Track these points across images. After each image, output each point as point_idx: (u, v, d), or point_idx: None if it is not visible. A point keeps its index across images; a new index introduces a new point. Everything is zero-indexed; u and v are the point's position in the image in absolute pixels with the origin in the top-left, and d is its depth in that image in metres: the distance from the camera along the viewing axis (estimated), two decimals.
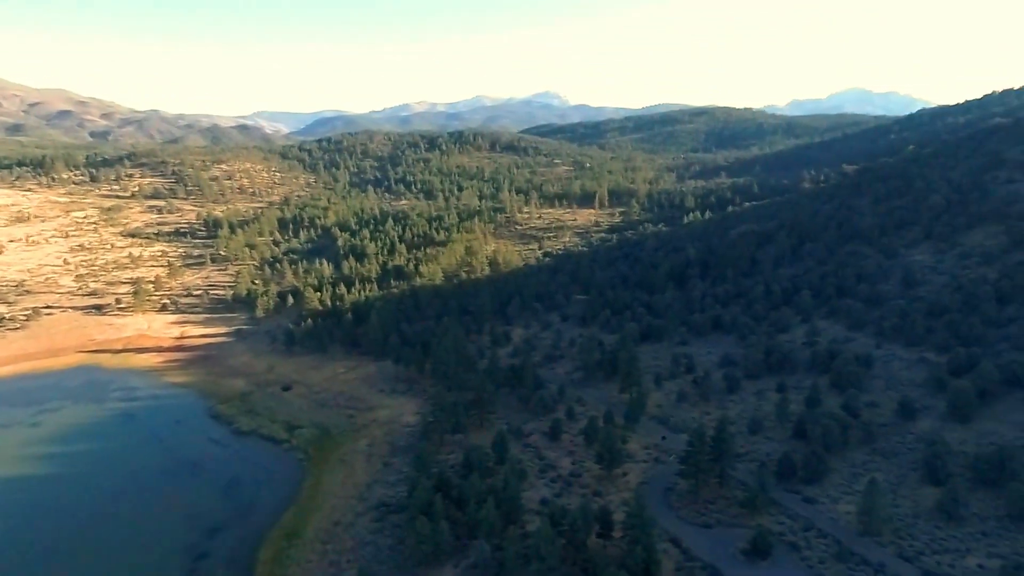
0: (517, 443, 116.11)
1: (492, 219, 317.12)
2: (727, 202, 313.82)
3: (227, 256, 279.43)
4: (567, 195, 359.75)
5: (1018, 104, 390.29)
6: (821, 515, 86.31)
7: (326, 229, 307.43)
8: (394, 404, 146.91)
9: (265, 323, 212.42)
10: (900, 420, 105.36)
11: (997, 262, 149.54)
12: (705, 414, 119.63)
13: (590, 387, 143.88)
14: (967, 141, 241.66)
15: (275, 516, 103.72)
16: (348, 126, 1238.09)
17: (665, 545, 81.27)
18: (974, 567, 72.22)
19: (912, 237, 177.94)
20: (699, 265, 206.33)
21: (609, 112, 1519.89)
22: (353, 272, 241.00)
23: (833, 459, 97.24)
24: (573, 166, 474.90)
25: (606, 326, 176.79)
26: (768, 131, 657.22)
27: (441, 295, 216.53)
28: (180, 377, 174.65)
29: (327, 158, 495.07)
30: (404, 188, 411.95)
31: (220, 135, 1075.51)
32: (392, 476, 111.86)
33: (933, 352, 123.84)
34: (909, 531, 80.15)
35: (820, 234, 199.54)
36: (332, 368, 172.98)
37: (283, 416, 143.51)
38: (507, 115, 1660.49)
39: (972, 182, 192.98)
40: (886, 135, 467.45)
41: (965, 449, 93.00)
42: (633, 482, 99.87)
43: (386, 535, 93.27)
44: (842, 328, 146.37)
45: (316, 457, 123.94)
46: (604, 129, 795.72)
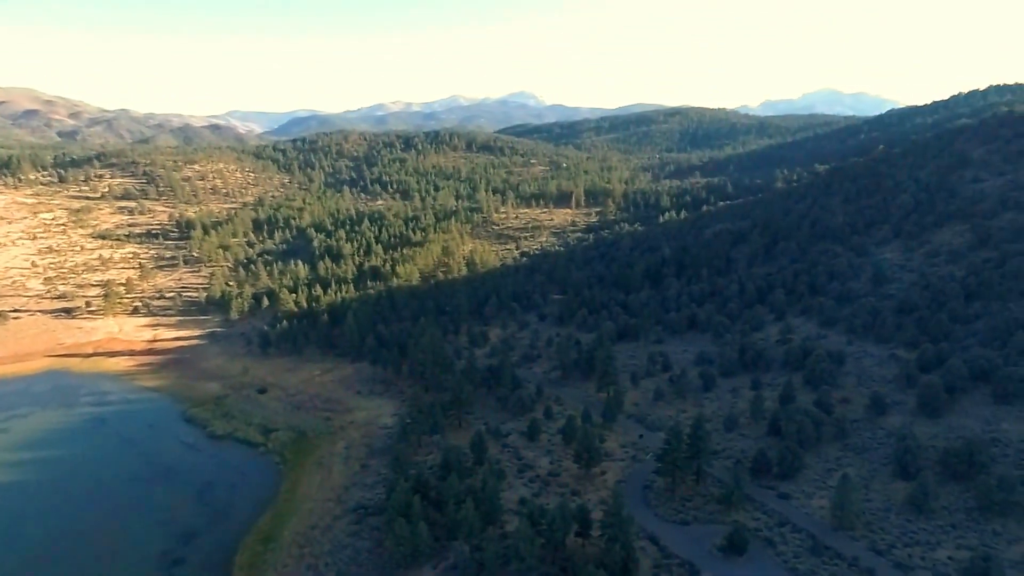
0: (495, 443, 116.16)
1: (469, 219, 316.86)
2: (702, 202, 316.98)
3: (200, 258, 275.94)
4: (543, 195, 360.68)
5: (983, 105, 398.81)
6: (796, 510, 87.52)
7: (301, 230, 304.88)
8: (371, 406, 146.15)
9: (239, 325, 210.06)
10: (871, 416, 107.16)
11: (964, 260, 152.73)
12: (681, 412, 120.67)
13: (568, 386, 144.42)
14: (934, 141, 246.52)
15: (251, 520, 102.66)
16: (322, 126, 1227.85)
17: (643, 543, 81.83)
18: (944, 559, 73.72)
19: (882, 236, 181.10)
20: (674, 264, 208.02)
21: (585, 112, 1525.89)
22: (329, 273, 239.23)
23: (807, 455, 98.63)
24: (549, 166, 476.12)
25: (583, 325, 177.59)
26: (741, 131, 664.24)
27: (418, 296, 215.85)
28: (153, 381, 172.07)
29: (302, 158, 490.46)
30: (380, 188, 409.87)
31: (192, 135, 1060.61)
32: (370, 478, 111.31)
33: (903, 348, 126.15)
34: (881, 525, 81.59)
35: (793, 233, 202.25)
36: (308, 370, 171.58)
37: (259, 419, 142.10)
38: (483, 115, 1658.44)
39: (939, 182, 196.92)
40: (856, 135, 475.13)
41: (934, 443, 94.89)
42: (611, 481, 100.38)
43: (364, 538, 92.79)
44: (815, 326, 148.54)
45: (293, 460, 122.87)
46: (580, 129, 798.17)
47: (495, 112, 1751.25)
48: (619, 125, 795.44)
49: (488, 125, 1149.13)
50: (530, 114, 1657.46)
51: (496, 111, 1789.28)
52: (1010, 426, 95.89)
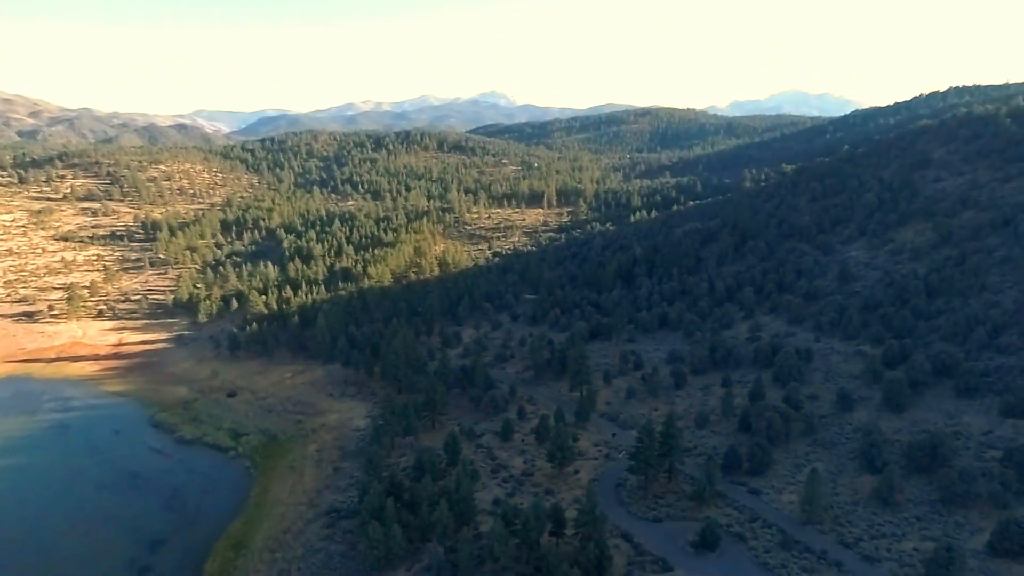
0: (469, 444, 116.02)
1: (441, 219, 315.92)
2: (672, 201, 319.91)
3: (167, 259, 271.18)
4: (515, 195, 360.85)
5: (943, 106, 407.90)
6: (766, 506, 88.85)
7: (271, 231, 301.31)
8: (343, 408, 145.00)
9: (208, 328, 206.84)
10: (838, 411, 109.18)
11: (926, 258, 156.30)
12: (653, 410, 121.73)
13: (541, 386, 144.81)
14: (897, 142, 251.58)
15: (221, 526, 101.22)
16: (292, 125, 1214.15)
17: (616, 540, 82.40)
18: (909, 550, 75.41)
19: (847, 234, 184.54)
20: (645, 263, 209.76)
21: (555, 112, 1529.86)
22: (299, 274, 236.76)
23: (777, 451, 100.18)
24: (521, 166, 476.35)
25: (555, 325, 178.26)
26: (710, 131, 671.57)
27: (390, 297, 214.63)
28: (118, 386, 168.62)
29: (270, 158, 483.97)
30: (351, 188, 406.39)
31: (157, 135, 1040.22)
32: (342, 481, 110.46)
33: (868, 345, 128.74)
34: (849, 518, 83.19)
35: (761, 232, 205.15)
36: (279, 373, 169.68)
37: (228, 423, 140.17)
38: (454, 115, 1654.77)
39: (902, 181, 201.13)
40: (822, 135, 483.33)
41: (899, 438, 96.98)
42: (584, 479, 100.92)
43: (337, 541, 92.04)
44: (783, 323, 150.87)
45: (264, 464, 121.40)
46: (551, 129, 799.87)
47: (466, 112, 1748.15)
48: (590, 125, 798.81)
49: (459, 125, 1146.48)
50: (501, 114, 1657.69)
51: (467, 111, 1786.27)
52: (971, 419, 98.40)
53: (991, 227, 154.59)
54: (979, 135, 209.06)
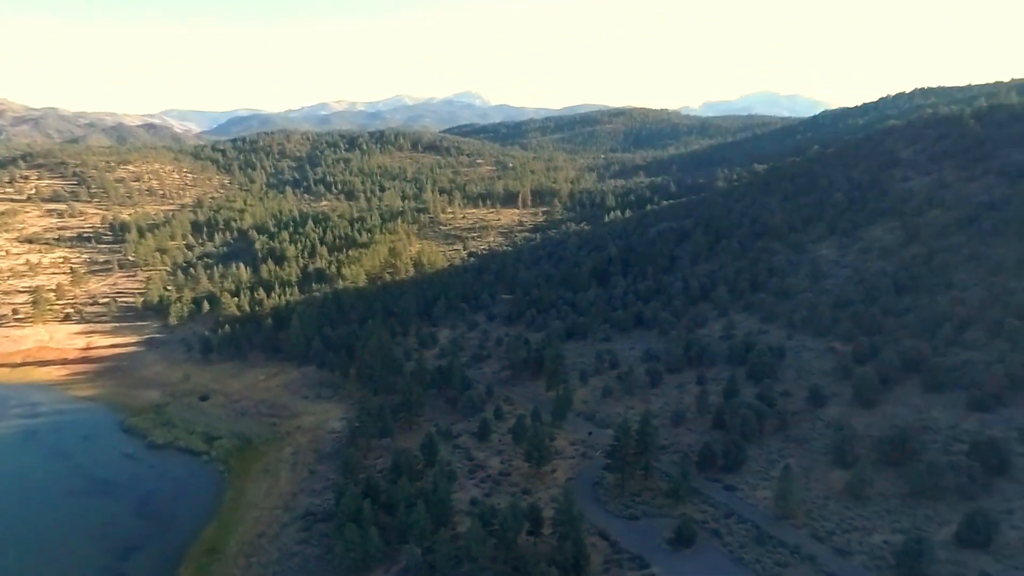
0: (446, 444, 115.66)
1: (415, 220, 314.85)
2: (646, 201, 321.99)
3: (136, 261, 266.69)
4: (490, 195, 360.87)
5: (909, 107, 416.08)
6: (740, 502, 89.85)
7: (242, 232, 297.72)
8: (319, 410, 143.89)
9: (179, 331, 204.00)
10: (811, 407, 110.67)
11: (895, 256, 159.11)
12: (629, 408, 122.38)
13: (517, 386, 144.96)
14: (865, 142, 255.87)
15: (195, 531, 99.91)
16: (264, 125, 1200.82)
17: (593, 539, 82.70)
18: (880, 543, 76.74)
19: (818, 233, 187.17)
20: (620, 263, 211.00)
21: (530, 112, 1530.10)
22: (272, 276, 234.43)
23: (751, 447, 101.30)
24: (496, 166, 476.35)
25: (532, 325, 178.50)
26: (683, 131, 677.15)
27: (365, 297, 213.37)
28: (88, 390, 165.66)
29: (242, 158, 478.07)
30: (324, 189, 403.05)
31: (126, 134, 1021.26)
32: (318, 484, 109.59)
33: (839, 341, 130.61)
34: (821, 512, 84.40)
35: (734, 231, 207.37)
36: (252, 375, 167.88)
37: (201, 427, 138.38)
38: (429, 114, 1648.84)
39: (871, 180, 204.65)
40: (793, 135, 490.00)
41: (870, 432, 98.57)
42: (561, 478, 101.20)
43: (313, 545, 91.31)
44: (756, 321, 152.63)
45: (238, 468, 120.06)
46: (526, 129, 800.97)
47: (441, 112, 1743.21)
48: (564, 125, 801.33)
49: (434, 125, 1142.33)
50: (476, 114, 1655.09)
51: (442, 111, 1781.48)
52: (939, 413, 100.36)
53: (957, 225, 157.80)
54: (945, 135, 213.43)
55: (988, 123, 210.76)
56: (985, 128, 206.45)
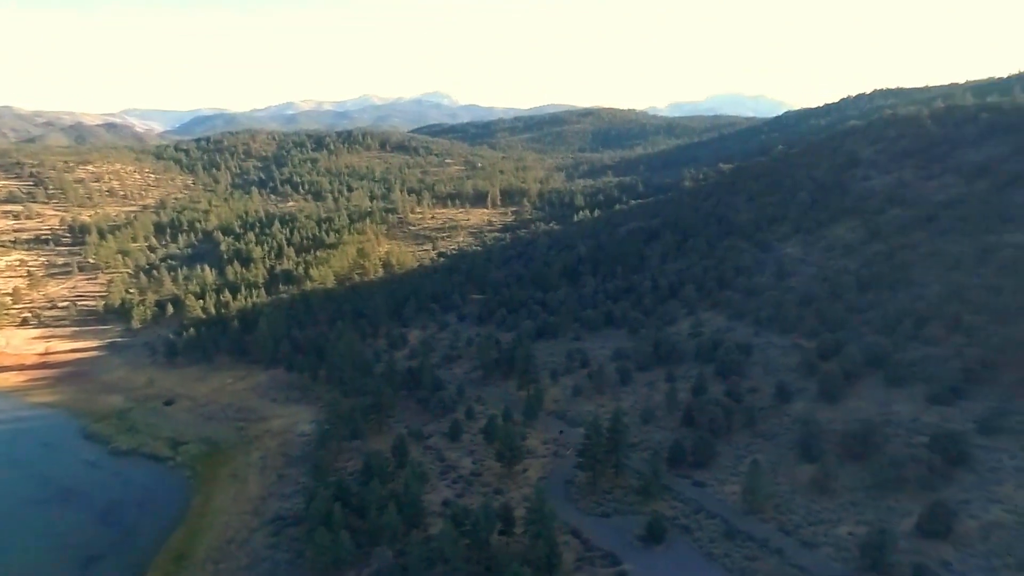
0: (417, 446, 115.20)
1: (384, 220, 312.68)
2: (615, 200, 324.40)
3: (97, 264, 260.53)
4: (460, 195, 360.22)
5: (869, 108, 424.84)
6: (710, 497, 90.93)
7: (207, 233, 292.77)
8: (287, 413, 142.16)
9: (143, 334, 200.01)
10: (777, 403, 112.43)
11: (857, 253, 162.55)
12: (600, 406, 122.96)
13: (489, 386, 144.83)
14: (828, 142, 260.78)
15: (161, 539, 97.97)
16: (228, 124, 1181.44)
17: (566, 537, 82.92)
18: (845, 535, 78.30)
19: (783, 231, 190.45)
20: (590, 262, 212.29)
21: (499, 112, 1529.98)
22: (238, 277, 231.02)
23: (719, 443, 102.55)
24: (465, 166, 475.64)
25: (502, 324, 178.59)
26: (651, 131, 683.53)
27: (334, 299, 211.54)
28: (47, 396, 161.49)
29: (206, 158, 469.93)
30: (291, 189, 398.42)
31: (85, 134, 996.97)
32: (288, 488, 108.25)
33: (804, 338, 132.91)
34: (788, 506, 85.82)
35: (701, 230, 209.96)
36: (219, 379, 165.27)
37: (167, 432, 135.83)
38: (397, 114, 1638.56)
39: (833, 180, 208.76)
40: (757, 136, 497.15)
41: (834, 427, 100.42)
42: (533, 477, 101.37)
43: (283, 549, 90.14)
44: (724, 319, 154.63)
45: (205, 473, 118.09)
46: (494, 129, 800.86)
47: (409, 111, 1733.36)
48: (533, 125, 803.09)
49: (402, 125, 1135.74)
50: (444, 114, 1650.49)
51: (410, 111, 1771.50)
52: (900, 407, 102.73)
53: (916, 223, 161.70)
54: (903, 135, 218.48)
55: (945, 123, 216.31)
56: (942, 128, 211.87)
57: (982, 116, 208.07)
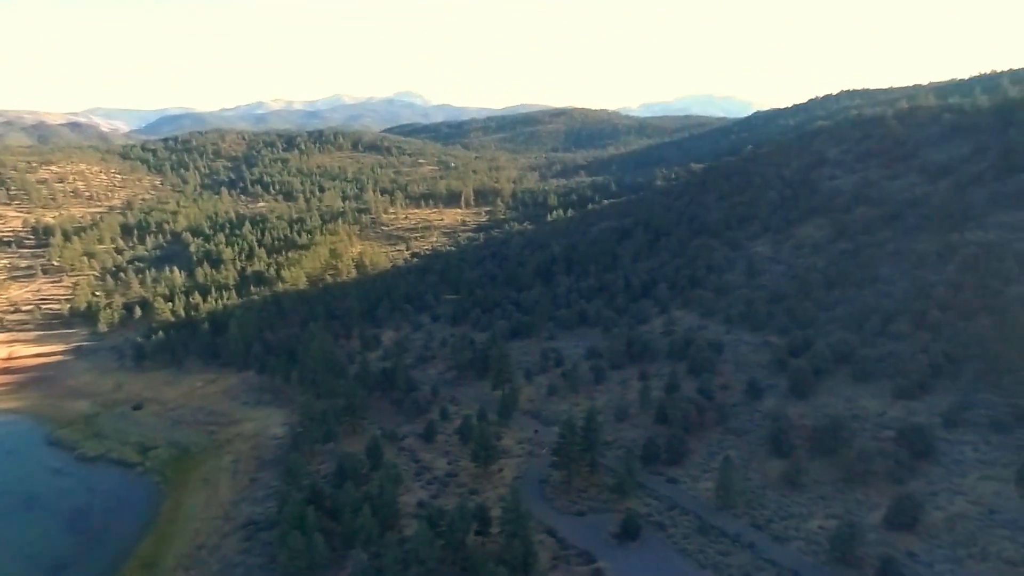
0: (392, 447, 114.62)
1: (357, 220, 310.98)
2: (588, 200, 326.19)
3: (62, 266, 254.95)
4: (433, 195, 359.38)
5: (836, 108, 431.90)
6: (683, 494, 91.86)
7: (176, 234, 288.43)
8: (259, 416, 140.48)
9: (110, 338, 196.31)
10: (749, 399, 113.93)
11: (824, 251, 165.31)
12: (574, 405, 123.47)
13: (463, 386, 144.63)
14: (796, 142, 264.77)
15: (130, 546, 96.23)
16: (196, 124, 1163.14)
17: (541, 536, 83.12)
18: (815, 528, 79.67)
19: (753, 230, 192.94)
20: (564, 261, 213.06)
21: (472, 112, 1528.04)
22: (208, 279, 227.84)
23: (692, 440, 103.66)
24: (438, 166, 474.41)
25: (476, 324, 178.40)
26: (623, 131, 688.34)
27: (306, 300, 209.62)
28: (10, 402, 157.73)
29: (174, 158, 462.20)
30: (261, 189, 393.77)
31: (48, 133, 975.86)
32: (260, 492, 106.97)
33: (775, 335, 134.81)
34: (760, 501, 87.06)
35: (673, 229, 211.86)
36: (189, 382, 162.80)
37: (135, 437, 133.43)
38: (369, 114, 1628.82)
39: (802, 179, 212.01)
40: (727, 135, 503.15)
41: (804, 422, 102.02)
42: (508, 477, 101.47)
43: (256, 554, 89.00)
44: (696, 317, 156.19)
45: (174, 479, 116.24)
46: (467, 129, 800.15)
47: (381, 111, 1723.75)
48: (506, 125, 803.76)
49: (374, 124, 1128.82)
50: (417, 113, 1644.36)
51: (382, 110, 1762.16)
52: (867, 402, 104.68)
53: (882, 222, 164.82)
54: (869, 135, 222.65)
55: (909, 124, 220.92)
56: (906, 128, 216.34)
57: (944, 117, 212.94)
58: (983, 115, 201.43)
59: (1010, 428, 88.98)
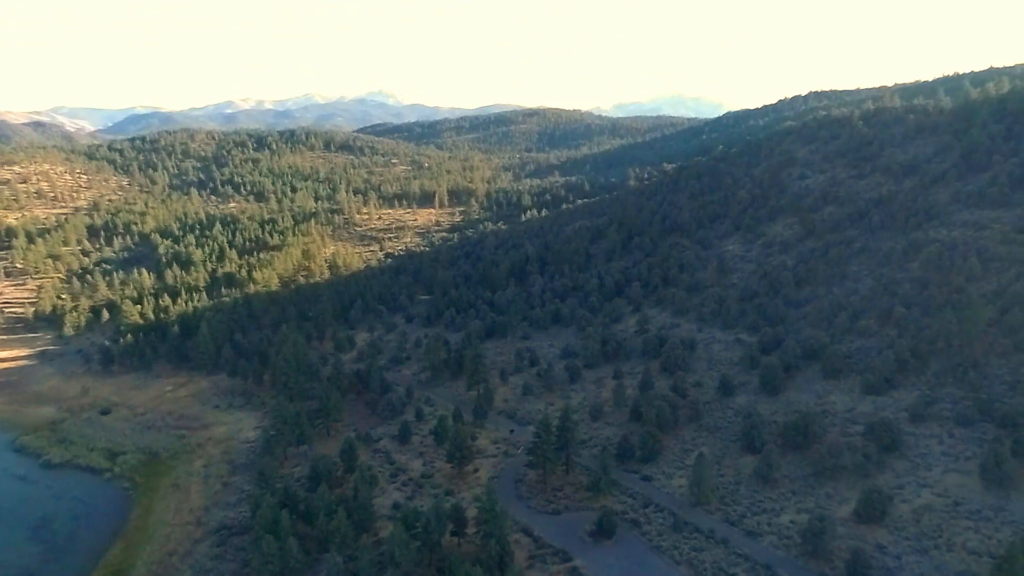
0: (366, 449, 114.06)
1: (329, 221, 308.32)
2: (561, 200, 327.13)
3: (25, 269, 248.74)
4: (406, 195, 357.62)
5: (805, 109, 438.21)
6: (658, 491, 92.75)
7: (144, 236, 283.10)
8: (231, 420, 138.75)
9: (76, 342, 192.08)
10: (721, 396, 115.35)
11: (794, 250, 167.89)
12: (549, 405, 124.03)
13: (438, 387, 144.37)
14: (766, 142, 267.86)
15: (98, 553, 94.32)
16: (164, 123, 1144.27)
17: (517, 536, 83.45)
18: (787, 523, 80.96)
19: (724, 229, 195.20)
20: (538, 261, 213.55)
21: (444, 112, 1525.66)
22: (178, 281, 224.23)
23: (666, 438, 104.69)
24: (411, 166, 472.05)
25: (451, 325, 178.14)
26: (596, 131, 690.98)
27: (278, 302, 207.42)
28: None
29: (142, 159, 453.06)
30: (232, 190, 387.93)
31: (9, 133, 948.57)
32: (232, 496, 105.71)
33: (746, 333, 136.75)
34: (733, 497, 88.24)
35: (646, 229, 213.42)
36: (158, 386, 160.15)
37: (103, 443, 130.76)
38: (340, 113, 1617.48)
39: (771, 178, 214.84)
40: (699, 136, 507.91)
41: (776, 419, 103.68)
42: (484, 477, 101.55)
43: (229, 560, 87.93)
44: (668, 315, 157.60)
45: (144, 484, 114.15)
46: (440, 129, 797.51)
47: (353, 111, 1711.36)
48: (479, 125, 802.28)
49: (346, 124, 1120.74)
50: (389, 113, 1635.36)
51: (354, 110, 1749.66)
52: (837, 398, 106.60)
53: (849, 220, 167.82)
54: (836, 136, 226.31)
55: (875, 124, 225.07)
56: (872, 129, 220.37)
57: (909, 118, 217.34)
58: (945, 116, 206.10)
59: (974, 422, 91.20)
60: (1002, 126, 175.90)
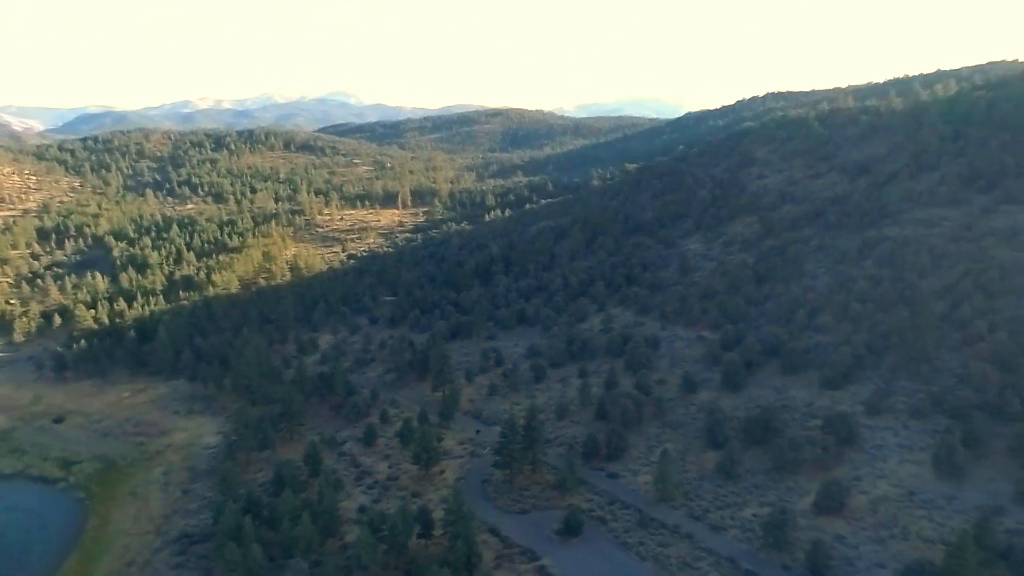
0: (331, 453, 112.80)
1: (291, 222, 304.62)
2: (525, 200, 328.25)
3: None
4: (369, 195, 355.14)
5: (763, 110, 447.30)
6: (624, 488, 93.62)
7: (98, 238, 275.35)
8: (191, 426, 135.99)
9: (27, 348, 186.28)
10: (684, 393, 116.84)
11: (754, 248, 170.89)
12: (515, 404, 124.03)
13: (403, 388, 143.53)
14: (726, 142, 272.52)
15: (53, 566, 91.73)
16: (118, 123, 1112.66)
17: (484, 536, 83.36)
18: (750, 516, 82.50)
19: (685, 228, 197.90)
20: (502, 261, 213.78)
21: (407, 112, 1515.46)
22: (134, 285, 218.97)
23: (631, 435, 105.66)
24: (374, 166, 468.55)
25: (416, 326, 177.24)
26: (558, 132, 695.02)
27: (239, 304, 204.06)
28: None
29: (95, 159, 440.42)
30: (189, 191, 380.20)
31: None
32: (194, 504, 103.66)
33: (708, 330, 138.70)
34: (697, 493, 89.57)
35: (609, 228, 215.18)
36: (115, 393, 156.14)
37: (56, 452, 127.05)
38: (301, 113, 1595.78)
39: (731, 178, 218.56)
40: (660, 136, 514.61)
41: (737, 414, 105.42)
42: (451, 478, 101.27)
43: (190, 568, 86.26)
44: (632, 314, 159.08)
45: (100, 494, 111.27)
46: (403, 129, 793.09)
47: (313, 111, 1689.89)
48: (442, 125, 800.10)
49: (307, 124, 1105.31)
50: (351, 113, 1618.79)
51: (315, 110, 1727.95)
52: (796, 393, 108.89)
53: (806, 219, 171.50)
54: (793, 136, 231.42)
55: (830, 125, 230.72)
56: (827, 129, 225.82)
57: (862, 119, 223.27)
58: (897, 117, 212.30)
59: (926, 414, 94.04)
60: (950, 127, 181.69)
